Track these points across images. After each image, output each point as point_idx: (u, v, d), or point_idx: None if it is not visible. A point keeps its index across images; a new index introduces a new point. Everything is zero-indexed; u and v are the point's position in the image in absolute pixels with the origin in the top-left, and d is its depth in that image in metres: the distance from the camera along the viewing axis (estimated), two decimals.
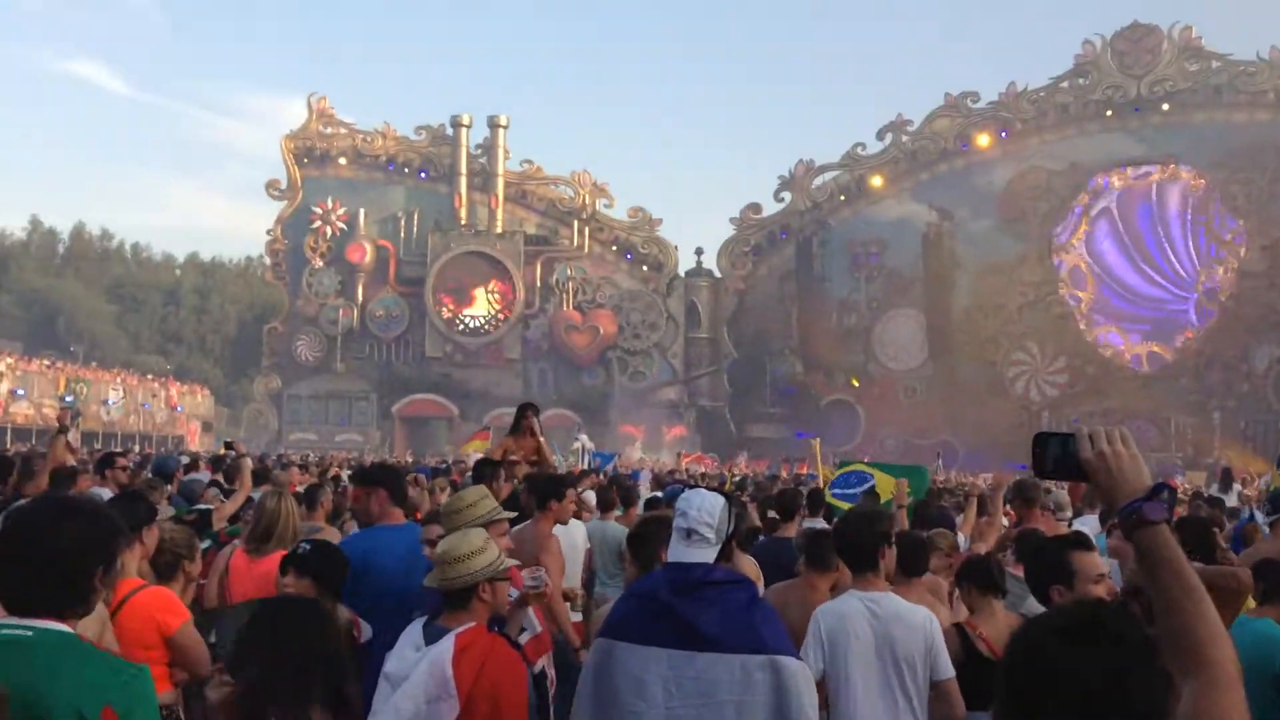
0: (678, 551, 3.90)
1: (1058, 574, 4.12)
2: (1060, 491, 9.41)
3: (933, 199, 48.25)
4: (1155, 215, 45.67)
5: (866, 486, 9.73)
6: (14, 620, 2.62)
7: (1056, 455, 2.19)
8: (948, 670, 4.64)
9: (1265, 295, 41.98)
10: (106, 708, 2.56)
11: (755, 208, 53.10)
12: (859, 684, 4.56)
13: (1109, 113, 45.99)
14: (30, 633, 2.58)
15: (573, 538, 7.70)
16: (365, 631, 4.77)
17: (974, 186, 47.86)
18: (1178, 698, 1.71)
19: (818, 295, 49.95)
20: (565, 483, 7.12)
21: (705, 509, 3.90)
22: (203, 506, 8.11)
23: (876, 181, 49.97)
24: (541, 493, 6.57)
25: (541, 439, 10.03)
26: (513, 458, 9.53)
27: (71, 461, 9.29)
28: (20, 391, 46.07)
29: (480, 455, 10.44)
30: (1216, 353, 42.65)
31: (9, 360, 47.57)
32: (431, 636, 3.95)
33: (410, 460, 28.56)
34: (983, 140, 48.17)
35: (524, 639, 4.60)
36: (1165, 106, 44.63)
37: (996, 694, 1.75)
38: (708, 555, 3.87)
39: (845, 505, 8.72)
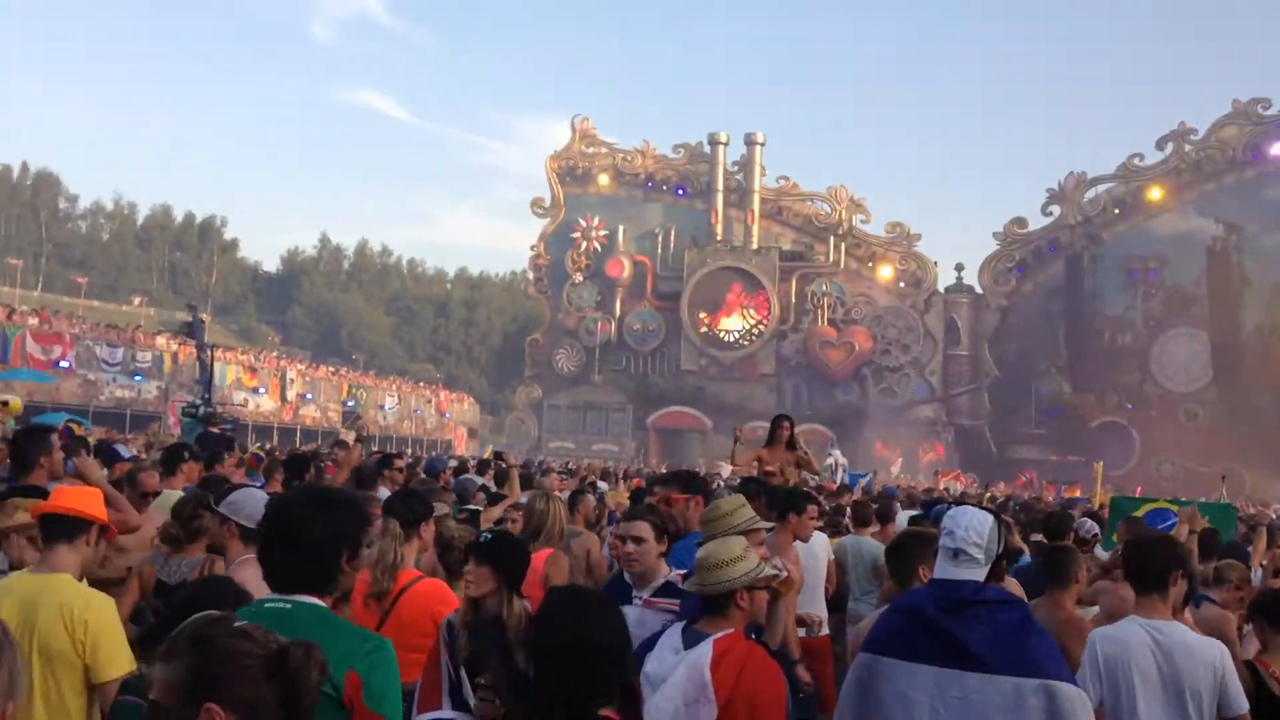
0: (944, 570, 3.78)
1: None
2: None
3: (1219, 212, 45.07)
4: None
5: (1169, 524, 9.11)
6: (277, 595, 2.95)
7: None
8: (1241, 705, 4.29)
9: None
10: (350, 671, 2.83)
11: (1020, 222, 51.21)
12: (1141, 715, 4.28)
13: None
14: (289, 605, 2.90)
15: (813, 550, 7.59)
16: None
17: (1265, 199, 44.42)
18: None
19: (1088, 313, 47.55)
20: (806, 497, 7.03)
21: (973, 528, 3.76)
22: (472, 507, 8.48)
23: (1155, 194, 47.16)
24: (781, 506, 6.49)
25: (803, 450, 10.04)
26: (768, 468, 9.54)
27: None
28: (309, 396, 49.67)
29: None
30: None
31: (299, 367, 51.40)
32: (690, 641, 3.98)
33: (664, 471, 29.02)
34: (1276, 149, 44.62)
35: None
36: None
37: None
38: (976, 575, 3.73)
39: None
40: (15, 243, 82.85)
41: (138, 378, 39.51)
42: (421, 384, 64.09)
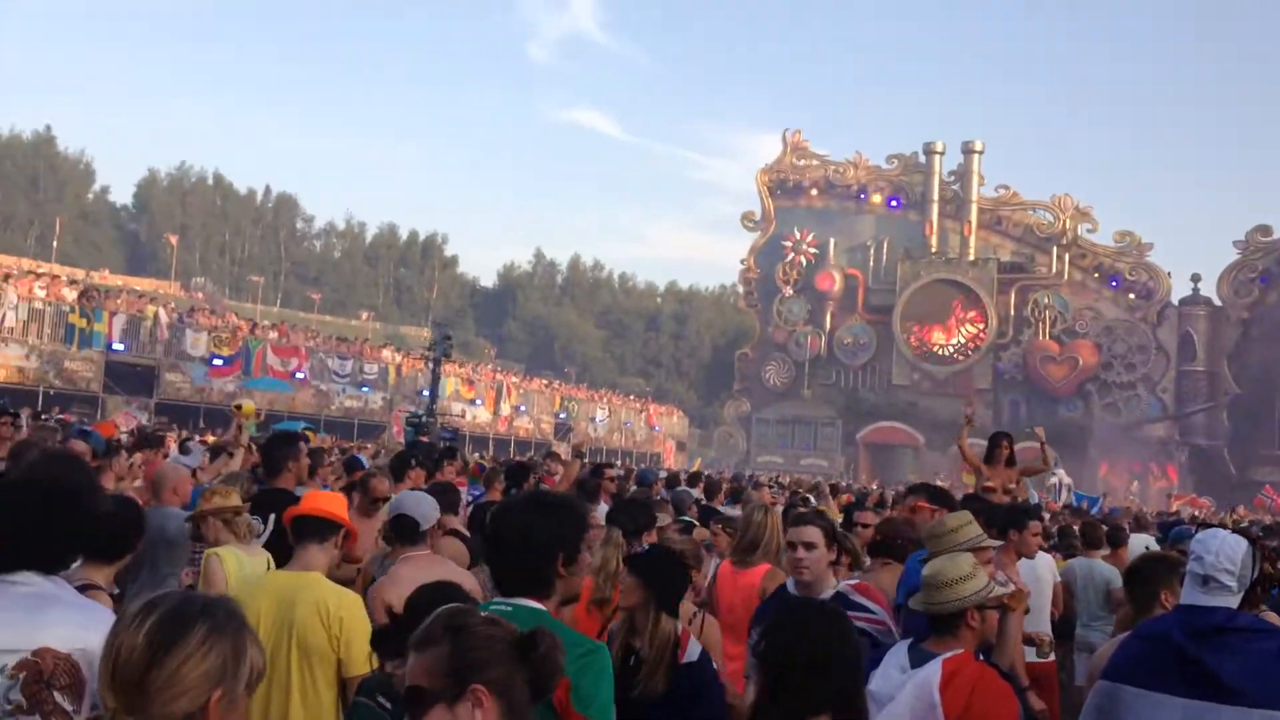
0: (1193, 597, 3.58)
1: None
2: None
3: None
4: None
5: None
6: (500, 599, 3.05)
7: None
8: None
9: None
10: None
11: (1264, 229, 48.04)
12: None
13: None
14: (510, 608, 2.94)
15: (1037, 571, 7.28)
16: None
17: None
18: None
19: None
20: (1028, 512, 6.75)
21: (1225, 553, 3.55)
22: (686, 518, 8.55)
23: None
24: (1003, 522, 6.24)
25: (1017, 470, 9.82)
26: (988, 484, 9.30)
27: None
28: (522, 408, 51.11)
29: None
30: None
31: (514, 380, 52.99)
32: (917, 659, 3.89)
33: (876, 487, 28.47)
34: None
35: None
36: None
37: None
38: (1229, 603, 3.52)
39: None
40: (258, 261, 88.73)
41: (365, 389, 41.57)
42: (631, 397, 65.06)
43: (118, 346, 31.95)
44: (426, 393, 29.50)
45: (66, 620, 1.94)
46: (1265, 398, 45.88)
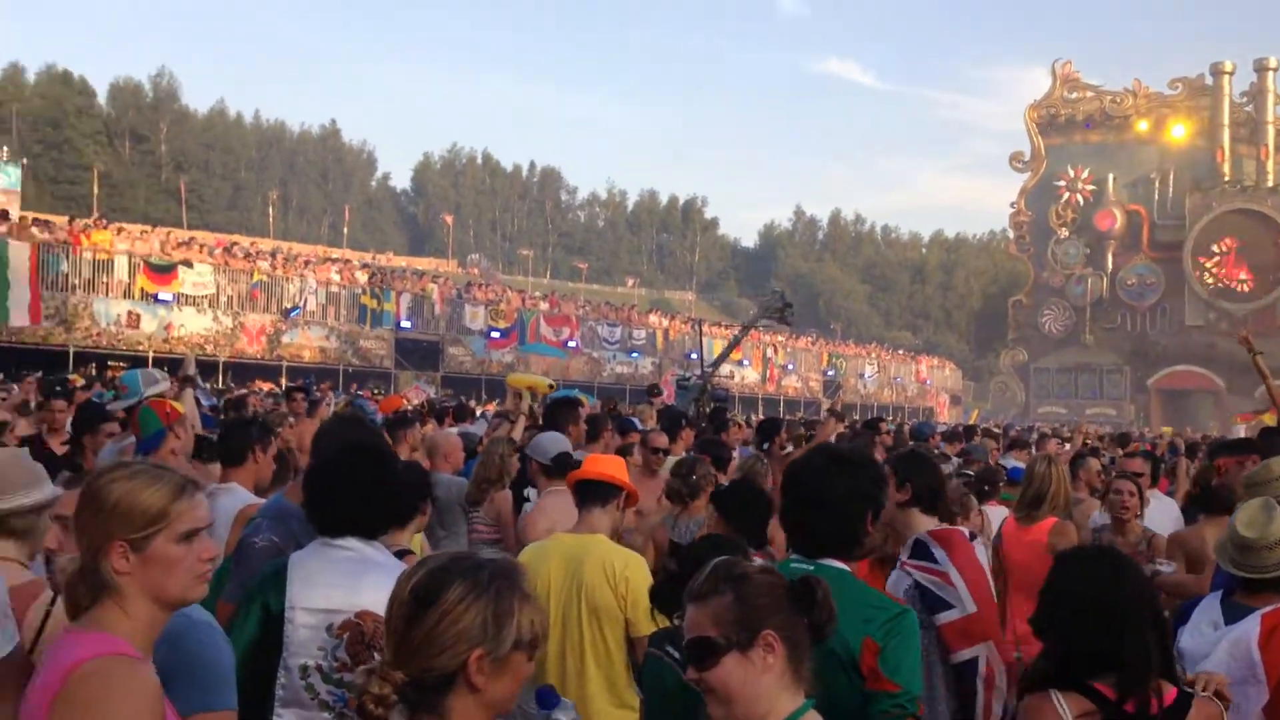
0: None
1: None
2: None
3: None
4: None
5: None
6: (800, 557, 2.98)
7: None
8: None
9: None
10: (867, 639, 2.81)
11: None
12: None
13: None
14: (811, 567, 2.86)
15: None
16: None
17: None
18: None
19: None
20: None
21: None
22: (966, 471, 8.29)
23: None
24: None
25: None
26: None
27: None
28: (790, 366, 50.96)
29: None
30: None
31: (780, 339, 52.86)
32: (1231, 614, 3.61)
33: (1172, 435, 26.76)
34: None
35: None
36: None
37: None
38: None
39: None
40: (527, 235, 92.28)
41: (634, 354, 42.52)
42: (901, 351, 63.70)
43: (405, 324, 33.98)
44: (694, 354, 29.83)
45: (383, 584, 2.06)
46: None
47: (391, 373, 32.57)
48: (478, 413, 15.59)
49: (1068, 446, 12.00)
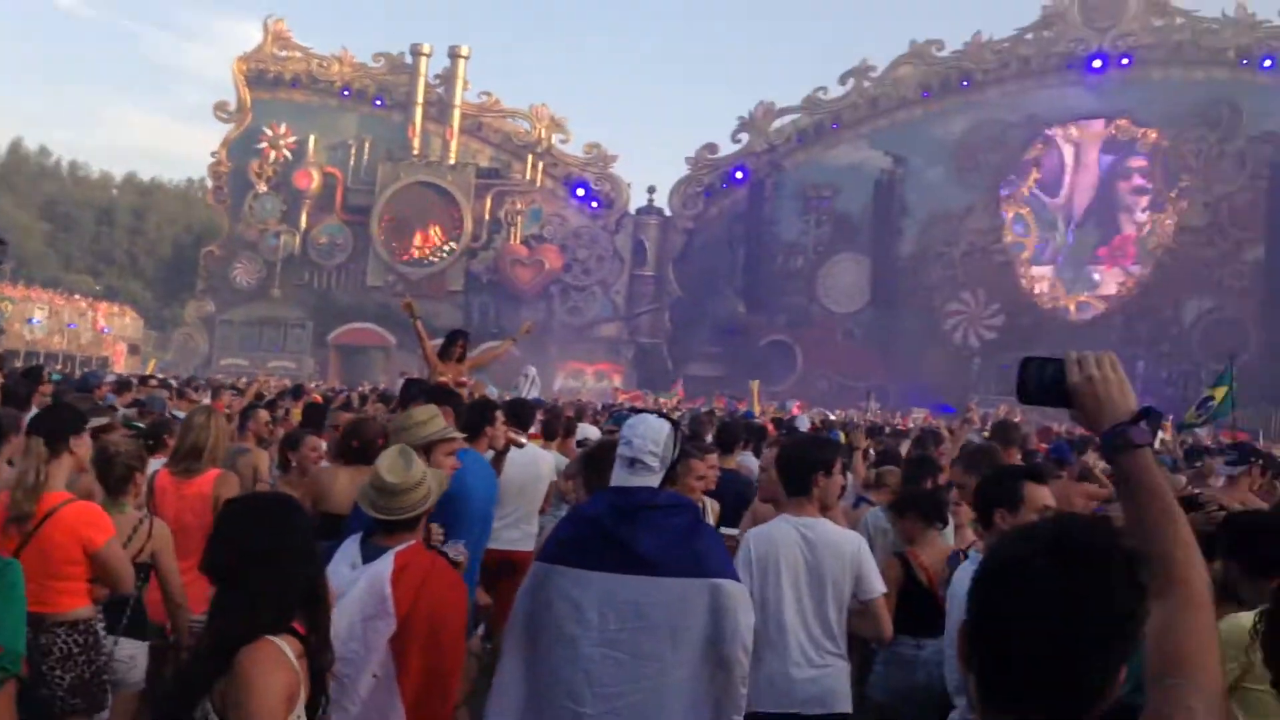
0: (621, 478, 3.87)
1: (1005, 499, 4.19)
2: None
3: (889, 146, 48.20)
4: (1105, 168, 46.02)
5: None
6: None
7: (1040, 380, 2.13)
8: (875, 589, 4.72)
9: (1201, 250, 42.49)
10: None
11: (711, 148, 52.78)
12: (788, 603, 4.61)
13: (1069, 66, 45.92)
14: None
15: (534, 461, 7.69)
16: (460, 553, 4.57)
17: (930, 135, 47.85)
18: (1148, 612, 1.70)
19: (766, 237, 49.97)
20: (492, 405, 6.97)
21: (650, 436, 3.86)
22: (136, 424, 7.92)
23: (835, 126, 49.85)
24: (470, 419, 6.14)
25: (466, 364, 10.52)
26: (441, 378, 9.75)
27: None
28: None
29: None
30: (1150, 304, 43.27)
31: None
32: (369, 555, 3.87)
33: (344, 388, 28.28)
34: (943, 89, 48.06)
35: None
36: (1125, 61, 44.59)
37: (969, 608, 1.72)
38: (651, 481, 3.84)
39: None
40: None
41: None
42: (78, 296, 59.15)
43: None
44: None
45: None
46: (700, 301, 50.97)
47: None
48: None
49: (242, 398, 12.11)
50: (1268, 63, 42.05)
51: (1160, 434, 17.64)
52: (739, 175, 51.10)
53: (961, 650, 1.73)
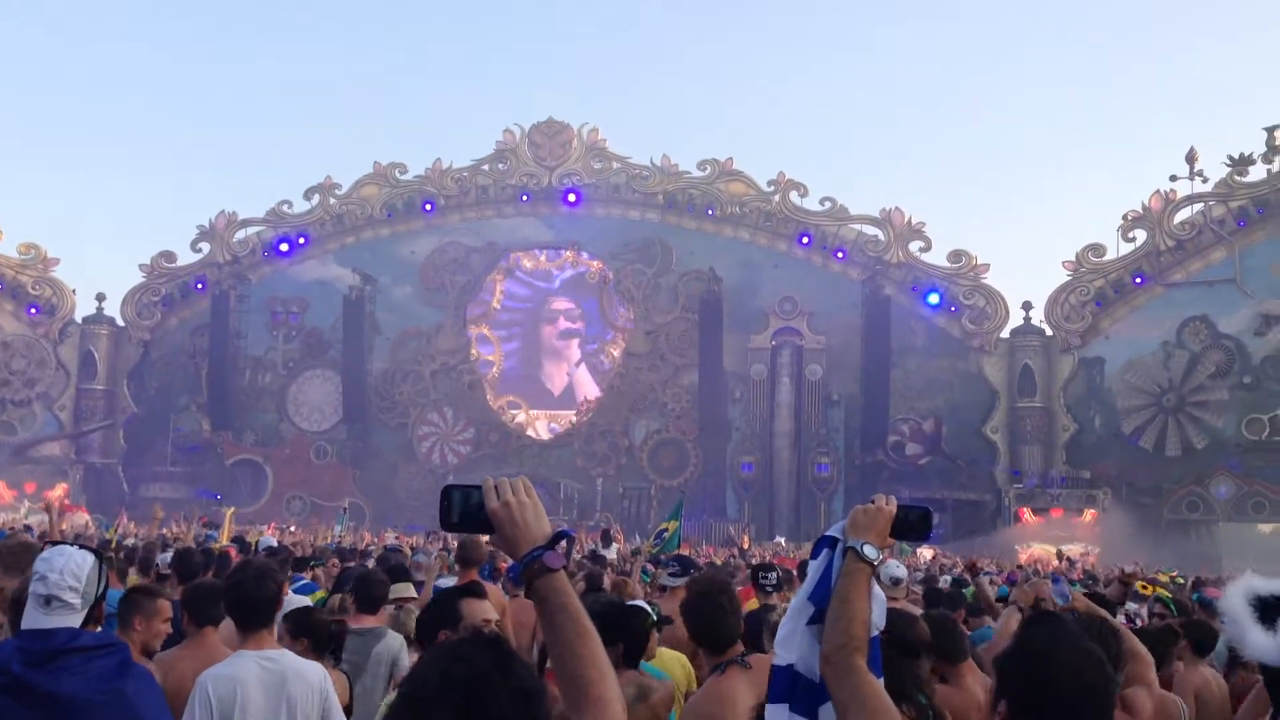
0: (35, 619, 3.51)
1: (446, 620, 4.36)
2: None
3: (357, 263, 48.39)
4: (561, 297, 49.30)
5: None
6: None
7: (462, 507, 2.20)
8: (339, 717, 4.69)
9: (646, 375, 46.66)
10: None
11: (169, 255, 50.02)
12: None
13: (524, 198, 48.96)
14: None
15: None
16: None
17: (397, 255, 48.80)
18: None
19: (231, 351, 47.91)
20: None
21: (69, 571, 3.56)
22: None
23: (302, 241, 49.29)
24: None
25: None
26: None
27: None
28: None
29: None
30: (606, 425, 46.65)
31: None
32: None
33: None
34: (408, 211, 49.29)
35: None
36: (572, 197, 48.44)
37: None
38: (73, 621, 3.52)
39: None
40: None
41: None
42: None
43: None
44: None
45: None
46: (161, 417, 47.74)
47: None
48: None
49: None
50: (690, 209, 47.57)
51: (615, 545, 18.98)
52: (199, 286, 48.92)
53: None
